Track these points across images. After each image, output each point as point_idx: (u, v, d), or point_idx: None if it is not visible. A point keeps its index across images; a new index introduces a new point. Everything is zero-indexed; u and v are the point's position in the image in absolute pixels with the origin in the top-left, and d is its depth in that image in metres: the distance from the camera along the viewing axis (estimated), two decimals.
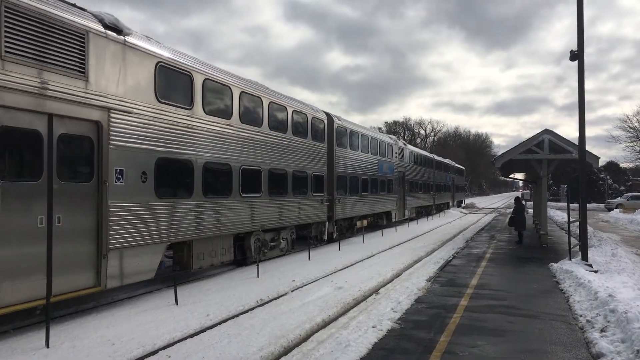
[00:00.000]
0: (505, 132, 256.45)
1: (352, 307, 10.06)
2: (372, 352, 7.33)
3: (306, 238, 18.16)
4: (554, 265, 14.62)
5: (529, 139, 19.46)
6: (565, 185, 65.31)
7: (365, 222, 25.55)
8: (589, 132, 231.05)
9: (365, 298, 10.89)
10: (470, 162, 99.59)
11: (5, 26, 7.70)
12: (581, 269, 13.13)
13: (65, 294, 8.50)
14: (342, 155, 21.97)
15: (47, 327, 7.37)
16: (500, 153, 22.86)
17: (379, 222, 28.19)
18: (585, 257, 14.53)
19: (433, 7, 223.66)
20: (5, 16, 7.71)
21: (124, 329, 8.11)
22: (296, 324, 8.42)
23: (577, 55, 14.56)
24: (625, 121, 63.35)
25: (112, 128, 9.54)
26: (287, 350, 7.36)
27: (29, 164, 8.22)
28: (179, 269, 11.96)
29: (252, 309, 9.63)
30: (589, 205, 17.37)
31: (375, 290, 11.66)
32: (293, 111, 17.24)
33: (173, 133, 11.27)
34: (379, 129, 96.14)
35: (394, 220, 30.44)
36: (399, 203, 31.62)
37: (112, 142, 9.51)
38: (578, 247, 15.87)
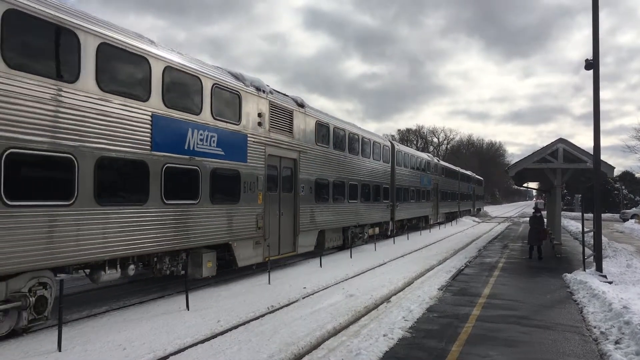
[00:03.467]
0: (520, 141, 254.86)
1: (363, 315, 10.02)
2: None
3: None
4: (568, 276, 14.46)
5: (543, 147, 19.33)
6: (580, 195, 64.69)
7: (414, 221, 32.98)
8: (606, 141, 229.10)
9: (376, 306, 10.84)
10: (484, 170, 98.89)
11: (270, 117, 14.63)
12: (595, 280, 12.98)
13: (285, 254, 15.57)
14: (399, 172, 28.67)
15: (59, 331, 7.43)
16: (514, 162, 22.70)
17: (419, 224, 34.32)
18: (599, 268, 14.37)
19: (453, 16, 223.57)
20: (271, 111, 14.69)
21: (135, 334, 8.15)
22: (307, 331, 8.40)
23: (592, 64, 14.47)
24: None
25: (300, 162, 16.49)
26: (298, 358, 7.34)
27: (274, 183, 14.98)
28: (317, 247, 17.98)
29: (263, 315, 9.64)
30: (603, 216, 17.20)
31: (387, 299, 11.61)
32: (374, 142, 24.41)
33: (322, 162, 18.33)
34: (392, 136, 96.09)
35: (430, 222, 36.71)
36: (434, 209, 38.30)
37: (300, 170, 16.43)
38: (592, 257, 15.69)
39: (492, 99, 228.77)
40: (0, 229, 7.42)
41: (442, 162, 44.08)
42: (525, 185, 37.51)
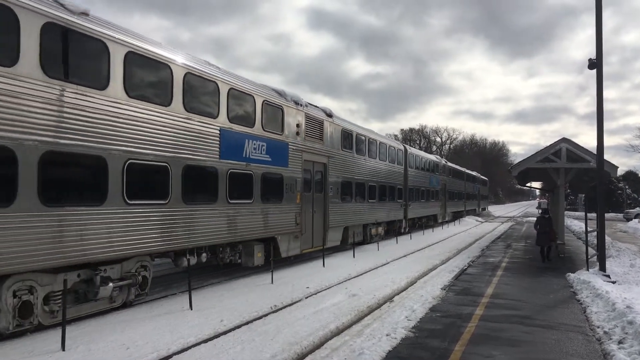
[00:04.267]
0: (524, 141, 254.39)
1: (366, 315, 10.03)
2: None
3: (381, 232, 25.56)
4: (571, 276, 14.44)
5: (547, 147, 19.29)
6: (583, 195, 64.56)
7: (423, 219, 34.61)
8: (610, 141, 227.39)
9: (379, 306, 10.85)
10: (486, 170, 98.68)
11: (305, 127, 16.69)
12: (599, 280, 12.96)
13: (316, 247, 17.44)
14: (411, 173, 30.69)
15: (63, 330, 7.45)
16: (517, 161, 22.65)
17: (429, 222, 36.27)
18: (603, 268, 14.34)
19: (458, 16, 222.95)
20: (306, 122, 16.86)
21: (138, 333, 8.17)
22: (310, 331, 8.41)
23: (595, 63, 14.44)
24: None
25: (329, 166, 18.59)
26: (301, 357, 7.35)
27: (308, 185, 17.01)
28: (342, 241, 20.19)
29: (266, 315, 9.65)
30: (607, 215, 17.15)
31: (390, 298, 11.61)
32: (389, 146, 26.61)
33: (346, 166, 20.40)
34: (395, 136, 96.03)
35: (439, 221, 39.04)
36: (442, 208, 40.39)
37: (329, 172, 18.60)
38: (596, 257, 15.65)
39: (496, 99, 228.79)
40: (122, 222, 9.39)
41: (449, 164, 45.73)
42: (528, 185, 37.41)
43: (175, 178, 10.72)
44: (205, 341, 7.90)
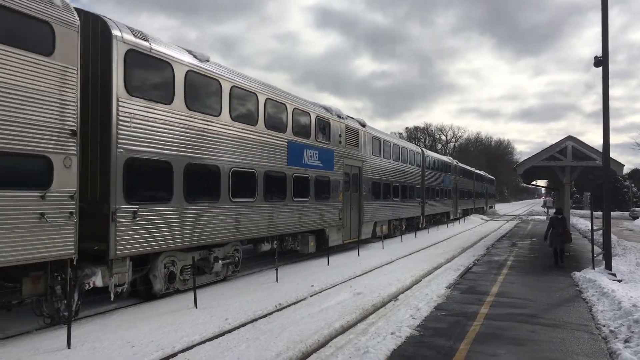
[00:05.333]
0: (530, 139, 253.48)
1: (371, 313, 10.02)
2: (391, 359, 7.29)
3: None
4: (577, 274, 14.39)
5: (552, 145, 19.22)
6: (589, 193, 64.31)
7: (438, 216, 37.95)
8: (617, 139, 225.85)
9: (384, 304, 10.84)
10: (492, 168, 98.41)
11: (345, 136, 19.82)
12: (604, 278, 12.91)
13: (353, 239, 20.28)
14: (428, 174, 33.80)
15: (68, 328, 7.48)
16: (522, 159, 22.59)
17: (442, 219, 39.64)
18: (608, 266, 14.28)
19: (464, 14, 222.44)
20: (346, 132, 19.91)
21: (143, 331, 8.19)
22: (315, 330, 8.41)
23: (601, 61, 14.37)
24: None
25: (364, 169, 21.76)
26: (306, 356, 7.35)
27: (347, 186, 19.95)
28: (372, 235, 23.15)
29: (271, 313, 9.66)
30: (612, 214, 17.06)
31: (395, 297, 11.60)
32: (409, 150, 30.14)
33: (376, 169, 23.59)
34: (400, 134, 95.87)
35: (451, 217, 42.41)
36: (454, 206, 43.69)
37: (363, 174, 21.63)
38: (601, 255, 15.60)
39: (503, 97, 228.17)
40: (228, 215, 12.57)
41: (460, 164, 48.72)
42: (533, 183, 37.34)
43: (259, 182, 13.91)
44: (210, 339, 7.92)
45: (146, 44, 10.19)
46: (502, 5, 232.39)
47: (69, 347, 7.32)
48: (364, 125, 22.29)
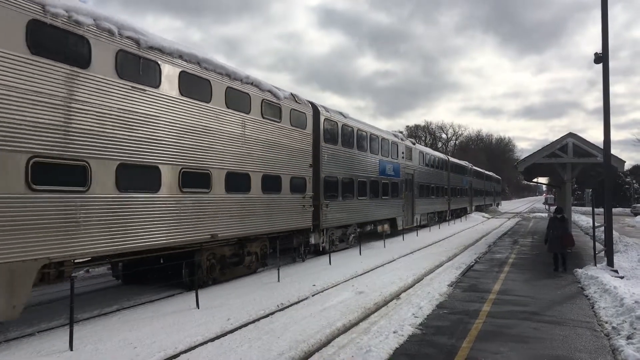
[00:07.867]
0: (532, 136, 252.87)
1: (373, 312, 10.02)
2: (393, 358, 7.29)
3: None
4: (579, 271, 14.37)
5: (553, 142, 19.23)
6: (590, 190, 64.27)
7: (457, 210, 45.21)
8: (619, 135, 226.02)
9: (386, 303, 10.84)
10: (492, 166, 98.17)
11: (405, 152, 28.88)
12: (607, 275, 12.89)
13: (410, 226, 29.00)
14: (451, 176, 41.75)
15: (70, 330, 7.49)
16: (523, 157, 22.61)
17: (461, 213, 46.87)
18: (610, 263, 14.27)
19: (468, 13, 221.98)
20: (405, 149, 28.92)
21: (145, 332, 8.19)
22: (317, 329, 8.41)
23: (601, 57, 14.35)
24: None
25: (415, 175, 30.37)
26: (308, 355, 7.35)
27: (405, 187, 28.47)
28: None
29: (273, 313, 9.66)
30: (614, 210, 17.02)
31: (397, 295, 11.60)
32: (439, 157, 38.58)
33: (422, 174, 31.96)
34: (400, 132, 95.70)
35: (467, 212, 49.97)
36: (470, 202, 52.04)
37: (414, 179, 30.11)
38: (603, 252, 15.57)
39: (505, 95, 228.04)
40: (369, 206, 22.22)
41: (474, 167, 56.33)
42: (535, 180, 37.25)
43: (368, 186, 22.05)
44: (213, 340, 7.92)
45: (328, 114, 18.45)
46: (506, 3, 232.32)
47: (71, 349, 7.33)
48: (414, 144, 31.17)
